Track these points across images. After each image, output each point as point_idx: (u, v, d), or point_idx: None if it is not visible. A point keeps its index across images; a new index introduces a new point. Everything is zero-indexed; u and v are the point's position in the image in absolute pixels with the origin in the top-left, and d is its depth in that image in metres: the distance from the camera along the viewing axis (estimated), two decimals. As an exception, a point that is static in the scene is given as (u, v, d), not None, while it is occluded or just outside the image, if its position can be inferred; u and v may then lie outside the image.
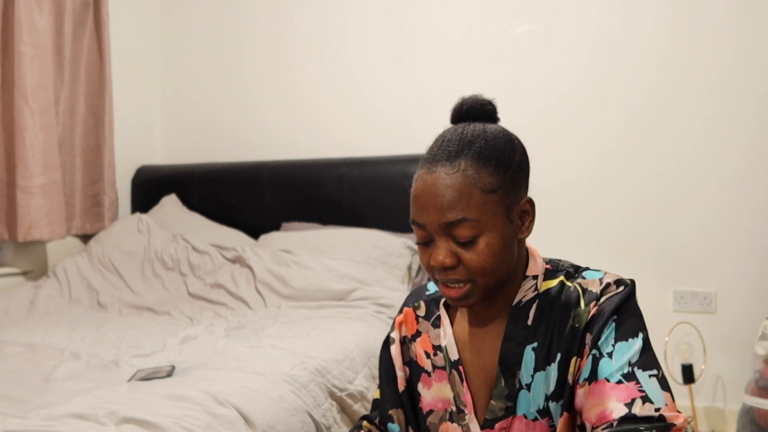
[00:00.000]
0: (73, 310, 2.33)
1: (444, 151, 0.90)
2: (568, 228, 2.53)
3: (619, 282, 0.91)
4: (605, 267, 2.64)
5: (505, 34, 2.66)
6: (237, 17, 3.16)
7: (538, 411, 0.90)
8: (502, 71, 2.66)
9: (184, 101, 3.29)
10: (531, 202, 0.95)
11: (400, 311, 1.09)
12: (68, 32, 2.76)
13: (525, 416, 0.91)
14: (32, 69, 2.54)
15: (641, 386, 0.81)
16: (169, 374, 1.53)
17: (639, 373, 0.82)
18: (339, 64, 2.95)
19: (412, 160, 2.69)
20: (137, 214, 2.87)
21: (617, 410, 0.80)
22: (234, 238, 2.76)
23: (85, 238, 2.90)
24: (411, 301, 1.09)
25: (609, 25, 2.52)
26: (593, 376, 0.84)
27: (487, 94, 0.97)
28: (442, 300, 1.02)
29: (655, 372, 0.83)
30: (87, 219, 2.90)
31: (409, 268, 2.50)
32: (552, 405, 0.90)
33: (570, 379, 0.89)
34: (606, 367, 0.84)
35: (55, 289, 2.48)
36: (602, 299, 0.89)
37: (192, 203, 3.03)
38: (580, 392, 0.86)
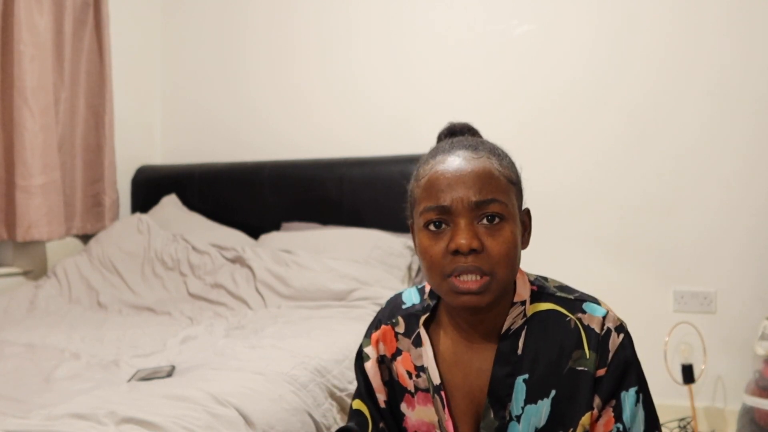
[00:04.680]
0: (73, 310, 2.33)
1: (459, 144, 0.89)
2: (568, 228, 2.53)
3: (619, 329, 0.89)
4: (605, 267, 2.61)
5: (504, 35, 2.66)
6: (237, 17, 3.15)
7: None
8: (502, 71, 2.66)
9: (184, 101, 3.29)
10: (530, 214, 0.94)
11: (377, 326, 1.03)
12: (68, 32, 2.75)
13: None
14: (32, 69, 2.53)
15: None
16: (169, 374, 1.52)
17: None
18: (339, 64, 2.95)
19: (412, 160, 2.68)
20: (137, 214, 2.86)
21: None
22: (234, 238, 2.77)
23: (86, 238, 2.90)
24: (387, 316, 1.02)
25: (608, 26, 2.52)
26: None
27: (487, 95, 0.98)
28: (422, 318, 0.97)
29: None
30: (87, 219, 2.90)
31: (409, 268, 2.50)
32: None
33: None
34: None
35: (55, 289, 2.48)
36: (610, 356, 0.88)
37: (192, 203, 3.03)
38: None
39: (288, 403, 1.42)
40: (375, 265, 2.40)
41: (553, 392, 0.88)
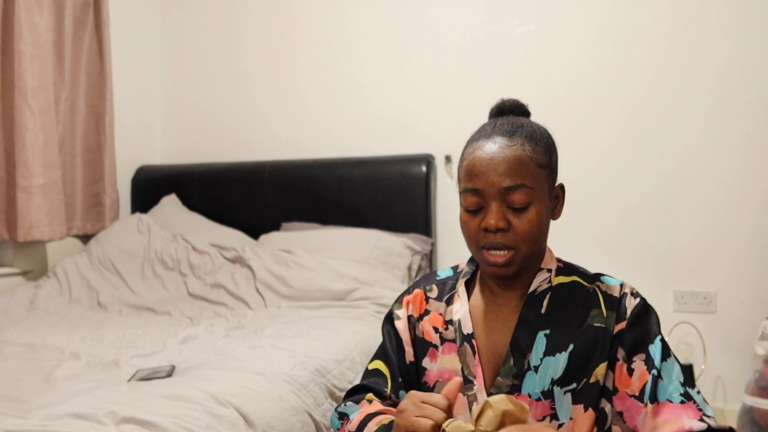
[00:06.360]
0: (73, 310, 2.33)
1: (499, 129, 1.00)
2: (568, 228, 2.52)
3: (635, 294, 0.99)
4: (605, 267, 2.62)
5: (505, 35, 2.66)
6: (237, 17, 3.16)
7: (543, 392, 0.96)
8: (502, 71, 2.66)
9: (184, 101, 3.29)
10: (563, 189, 1.07)
11: (409, 292, 1.14)
12: (68, 32, 2.76)
13: (529, 395, 0.96)
14: (32, 69, 2.54)
15: (698, 405, 0.90)
16: (169, 374, 1.53)
17: (691, 391, 0.91)
18: (339, 64, 2.95)
19: (412, 160, 2.69)
20: (137, 214, 2.87)
21: (696, 425, 0.86)
22: (234, 238, 2.77)
23: (86, 238, 2.90)
24: (422, 284, 1.14)
25: (608, 26, 2.52)
26: (654, 398, 0.91)
27: (487, 95, 1.02)
28: (463, 279, 1.08)
29: (696, 388, 0.93)
30: (88, 219, 2.90)
31: (409, 268, 2.50)
32: (556, 389, 0.95)
33: (601, 381, 0.95)
34: (664, 389, 0.91)
35: (55, 289, 2.48)
36: (629, 312, 0.96)
37: (192, 203, 3.03)
38: (643, 411, 0.91)
39: (288, 403, 1.42)
40: (375, 265, 2.40)
41: (572, 346, 0.96)
